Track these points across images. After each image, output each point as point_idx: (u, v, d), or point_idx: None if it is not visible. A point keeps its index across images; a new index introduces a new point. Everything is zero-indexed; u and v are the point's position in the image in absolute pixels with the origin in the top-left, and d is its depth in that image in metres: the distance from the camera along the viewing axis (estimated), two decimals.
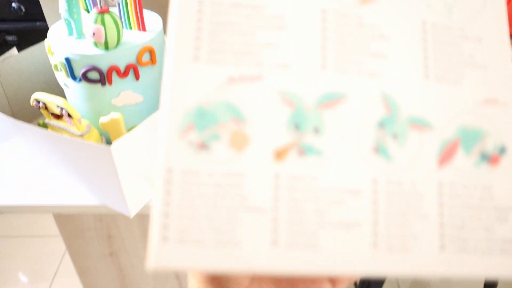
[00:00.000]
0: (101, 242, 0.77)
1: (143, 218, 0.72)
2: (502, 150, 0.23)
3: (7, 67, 0.64)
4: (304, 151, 0.22)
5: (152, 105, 0.63)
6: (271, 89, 0.22)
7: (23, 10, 1.29)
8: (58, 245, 1.52)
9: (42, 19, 0.75)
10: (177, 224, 0.20)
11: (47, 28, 0.62)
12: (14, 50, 0.65)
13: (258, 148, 0.21)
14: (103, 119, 0.56)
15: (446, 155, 0.23)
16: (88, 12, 0.61)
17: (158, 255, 0.20)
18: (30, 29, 1.30)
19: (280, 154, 0.22)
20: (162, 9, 0.63)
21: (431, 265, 0.21)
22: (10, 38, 1.32)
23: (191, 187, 0.21)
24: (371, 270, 0.21)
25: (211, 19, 0.22)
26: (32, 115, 0.66)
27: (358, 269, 0.21)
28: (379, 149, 0.22)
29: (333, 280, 0.28)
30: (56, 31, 0.60)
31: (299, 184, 0.21)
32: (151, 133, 0.54)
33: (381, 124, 0.22)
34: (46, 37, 0.60)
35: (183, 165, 0.21)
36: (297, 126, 0.22)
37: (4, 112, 0.56)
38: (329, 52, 0.23)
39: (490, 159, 0.23)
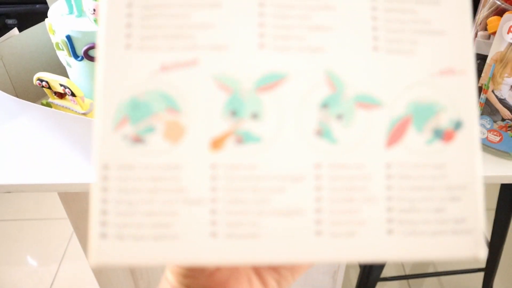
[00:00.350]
0: None
1: None
2: (458, 125, 0.22)
3: (8, 47, 0.64)
4: (242, 138, 0.21)
5: None
6: (206, 74, 0.21)
7: None
8: (66, 228, 1.54)
9: (42, 1, 0.75)
10: (115, 221, 0.20)
11: (47, 10, 0.62)
12: (15, 31, 0.65)
13: (194, 138, 0.21)
14: None
15: (396, 134, 0.21)
16: None
17: (98, 252, 0.20)
18: (30, 11, 1.29)
19: (216, 143, 0.21)
20: None
21: (378, 250, 0.21)
22: (10, 21, 1.32)
23: (128, 182, 0.20)
24: (314, 257, 0.21)
25: (141, 2, 0.21)
26: (36, 95, 0.67)
27: (301, 256, 0.21)
28: (323, 132, 0.21)
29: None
30: (57, 10, 0.60)
31: (237, 174, 0.21)
32: None
33: (325, 104, 0.21)
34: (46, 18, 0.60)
35: (119, 160, 0.20)
36: (233, 113, 0.21)
37: (8, 93, 0.56)
38: (268, 29, 0.21)
39: (444, 135, 0.22)
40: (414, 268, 1.41)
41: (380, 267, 1.03)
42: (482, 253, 0.21)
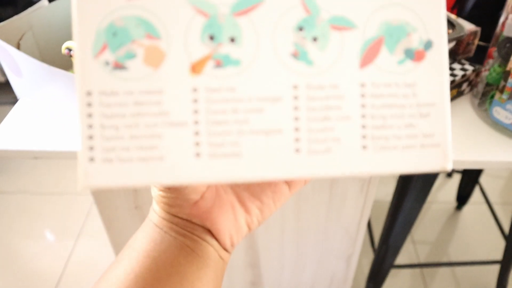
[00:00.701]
0: (127, 195, 0.79)
1: None
2: (428, 45, 0.22)
3: (38, 18, 0.65)
4: (221, 62, 0.21)
5: None
6: None
7: None
8: (83, 204, 1.57)
9: None
10: (101, 145, 0.21)
11: None
12: (45, 1, 0.65)
13: (174, 63, 0.21)
14: None
15: (369, 55, 0.22)
16: None
17: (86, 175, 0.21)
18: None
19: (196, 67, 0.21)
20: None
21: (354, 165, 0.22)
22: None
23: (111, 108, 0.21)
24: (294, 174, 0.22)
25: None
26: (63, 66, 0.68)
27: (281, 173, 0.22)
28: (299, 54, 0.22)
29: (288, 182, 0.30)
30: None
31: (218, 96, 0.21)
32: None
33: (300, 27, 0.22)
34: None
35: (101, 86, 0.21)
36: (212, 37, 0.21)
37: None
38: None
39: (415, 55, 0.22)
40: (428, 257, 1.40)
41: (393, 254, 1.03)
42: (449, 166, 0.22)
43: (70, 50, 0.57)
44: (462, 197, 1.53)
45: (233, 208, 0.29)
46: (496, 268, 1.25)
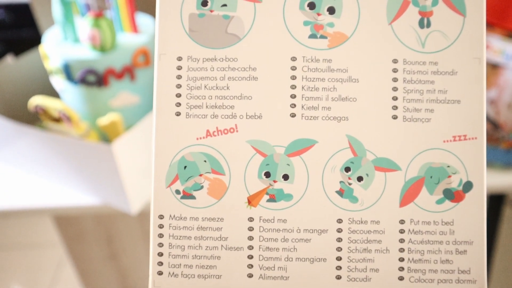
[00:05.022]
0: (101, 245, 0.78)
1: (142, 219, 0.73)
2: (467, 187, 0.24)
3: (3, 74, 0.65)
4: (274, 196, 0.24)
5: (149, 105, 0.64)
6: (244, 139, 0.24)
7: (9, 18, 1.29)
8: (52, 255, 1.51)
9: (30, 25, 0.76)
10: (168, 261, 0.24)
11: (35, 36, 0.63)
12: (9, 58, 0.66)
13: (234, 195, 0.24)
14: (102, 121, 0.57)
15: (409, 194, 0.24)
16: (82, 16, 0.62)
17: (155, 286, 0.24)
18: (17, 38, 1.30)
19: (252, 200, 0.24)
20: (154, 10, 0.65)
21: None
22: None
23: (179, 230, 0.25)
24: None
25: (188, 74, 0.25)
26: (30, 121, 0.67)
27: None
28: (345, 191, 0.24)
29: None
30: (51, 37, 0.61)
31: (270, 226, 0.24)
32: (149, 132, 0.56)
33: (347, 167, 0.24)
34: (35, 45, 0.61)
35: (171, 211, 0.24)
36: (268, 174, 0.24)
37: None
38: (298, 100, 0.24)
39: (454, 196, 0.24)
40: None
41: None
42: None
43: (37, 106, 0.57)
44: None
45: None
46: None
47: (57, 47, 0.59)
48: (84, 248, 0.78)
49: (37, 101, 0.57)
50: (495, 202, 0.86)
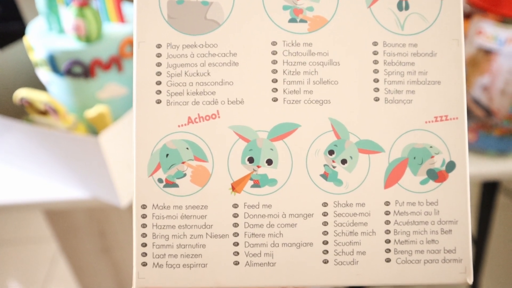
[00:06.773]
0: (93, 239, 0.77)
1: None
2: (451, 167, 0.25)
3: None
4: (258, 181, 0.24)
5: None
6: (226, 125, 0.24)
7: None
8: (47, 250, 1.51)
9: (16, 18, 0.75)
10: (153, 252, 0.24)
11: (21, 29, 0.62)
12: None
13: (218, 182, 0.24)
14: (90, 113, 0.56)
15: (393, 176, 0.24)
16: (67, 6, 0.61)
17: (140, 278, 0.24)
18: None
19: (236, 186, 0.24)
20: None
21: (378, 277, 0.24)
22: None
23: (163, 220, 0.24)
24: (322, 283, 0.24)
25: (168, 61, 0.24)
26: (16, 115, 0.66)
27: (310, 281, 0.24)
28: (329, 175, 0.24)
29: None
30: (35, 28, 0.60)
31: (255, 212, 0.24)
32: None
33: (331, 150, 0.24)
34: (20, 37, 0.60)
35: (154, 200, 0.24)
36: (251, 159, 0.24)
37: None
38: (280, 84, 0.24)
39: (438, 176, 0.25)
40: None
41: None
42: (470, 279, 0.24)
43: (23, 99, 0.56)
44: None
45: None
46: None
47: (42, 38, 0.57)
48: (77, 242, 0.78)
49: (23, 93, 0.56)
50: (489, 189, 0.86)
